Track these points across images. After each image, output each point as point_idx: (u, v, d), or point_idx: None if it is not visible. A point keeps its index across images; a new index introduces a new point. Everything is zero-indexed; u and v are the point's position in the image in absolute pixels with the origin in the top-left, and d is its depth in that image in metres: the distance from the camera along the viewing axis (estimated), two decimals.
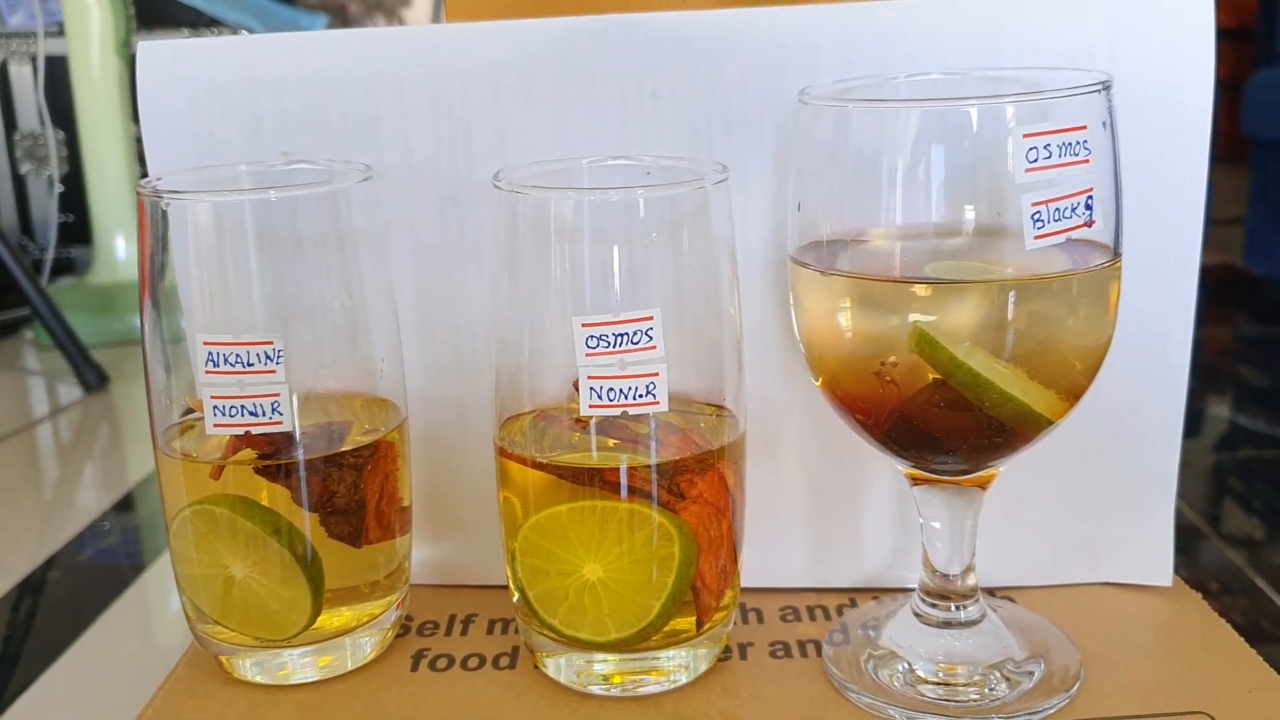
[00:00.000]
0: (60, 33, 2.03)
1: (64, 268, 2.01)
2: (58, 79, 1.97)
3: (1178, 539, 0.48)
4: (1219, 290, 2.52)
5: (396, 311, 0.45)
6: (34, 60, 2.11)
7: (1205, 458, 1.72)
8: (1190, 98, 0.43)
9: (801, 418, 0.47)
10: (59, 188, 2.05)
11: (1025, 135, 0.34)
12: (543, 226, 0.39)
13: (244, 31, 2.45)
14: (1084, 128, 0.35)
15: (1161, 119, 0.43)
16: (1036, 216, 0.35)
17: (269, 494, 0.43)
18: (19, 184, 2.19)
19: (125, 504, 0.97)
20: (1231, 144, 2.70)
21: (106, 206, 1.74)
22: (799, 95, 0.39)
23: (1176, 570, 0.48)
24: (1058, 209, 0.35)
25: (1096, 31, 0.43)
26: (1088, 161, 0.35)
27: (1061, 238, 0.35)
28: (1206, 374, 2.05)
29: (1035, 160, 0.34)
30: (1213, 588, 1.32)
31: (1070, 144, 0.35)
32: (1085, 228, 0.35)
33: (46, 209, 2.15)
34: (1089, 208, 0.35)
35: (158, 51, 0.45)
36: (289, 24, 2.67)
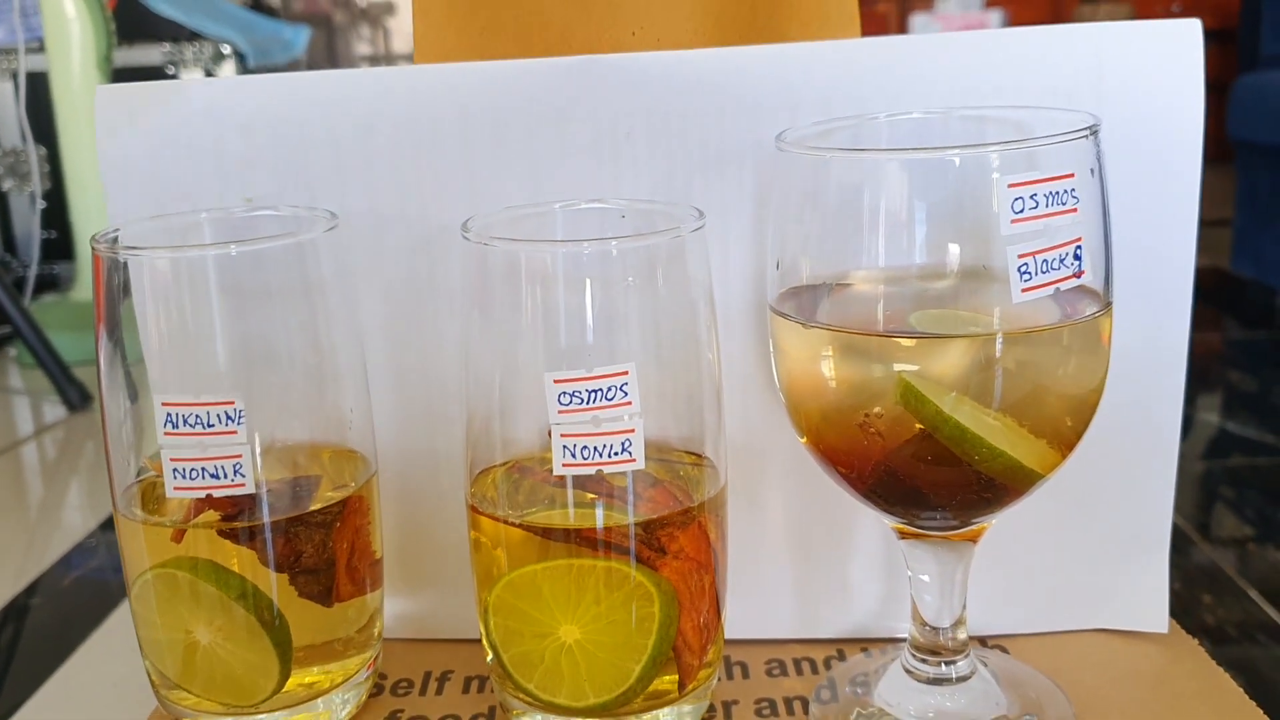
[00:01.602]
0: (41, 49, 2.01)
1: (47, 285, 2.00)
2: (39, 95, 1.95)
3: (1173, 549, 0.46)
4: (1206, 294, 2.52)
5: (365, 361, 0.44)
6: (15, 76, 2.09)
7: (1195, 464, 1.72)
8: (1180, 134, 0.42)
9: (786, 464, 0.46)
10: (41, 204, 2.03)
11: (1010, 185, 0.33)
12: (513, 277, 0.38)
13: (226, 45, 2.44)
14: (1071, 175, 0.34)
15: (1150, 159, 0.42)
16: (1023, 269, 0.33)
17: (233, 556, 0.41)
18: (1, 201, 2.17)
19: (111, 523, 0.95)
20: (1218, 146, 2.70)
21: (89, 223, 1.73)
22: (776, 141, 0.38)
23: (1171, 582, 0.47)
24: (1045, 260, 0.33)
25: (1083, 68, 0.42)
26: (1075, 210, 0.34)
27: (1049, 290, 0.34)
28: (1195, 379, 2.04)
29: (1021, 211, 0.33)
30: (1204, 599, 1.31)
31: (1057, 193, 0.33)
32: (1074, 279, 0.34)
33: (29, 225, 2.12)
34: (1078, 258, 0.34)
35: (117, 96, 0.44)
36: (271, 36, 2.65)
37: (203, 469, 0.39)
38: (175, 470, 0.39)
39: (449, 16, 0.44)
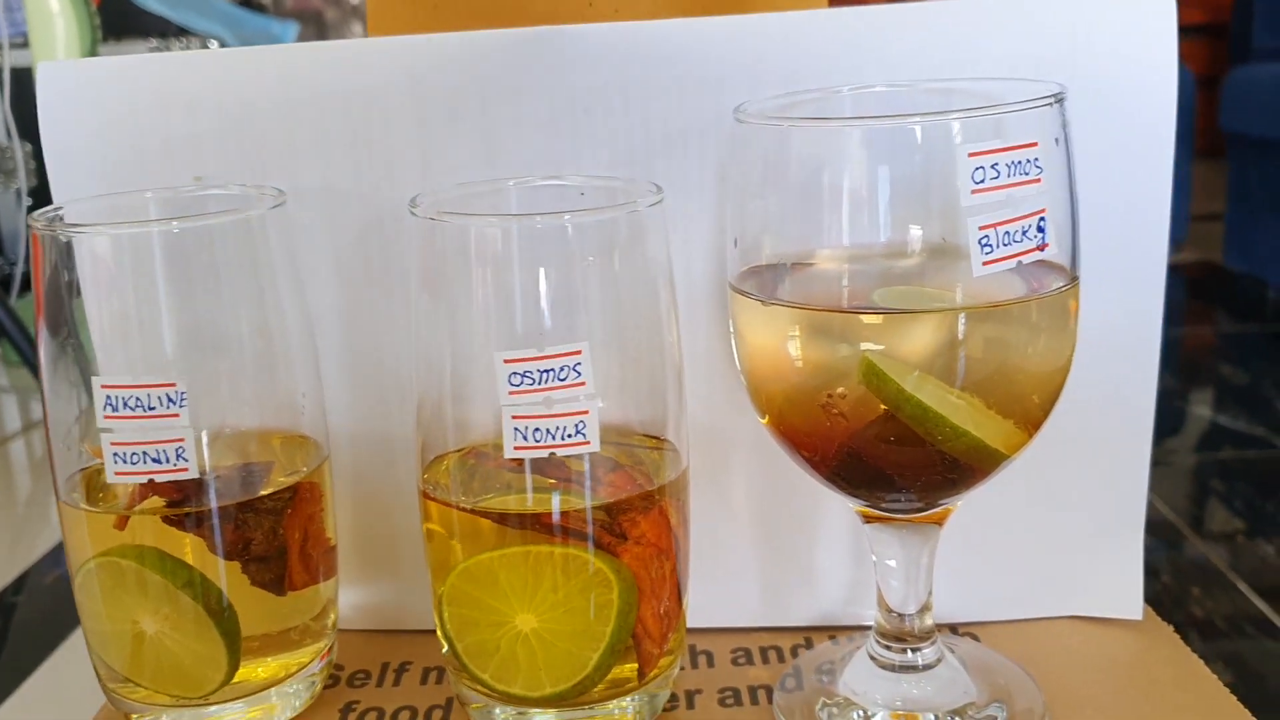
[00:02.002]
0: (25, 44, 2.00)
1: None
2: (24, 91, 1.93)
3: (1160, 541, 0.45)
4: (1199, 288, 2.51)
5: (315, 344, 0.43)
6: None
7: (1187, 458, 1.71)
8: (1154, 105, 0.41)
9: (751, 447, 0.45)
10: (27, 200, 2.02)
11: (971, 154, 0.32)
12: (462, 254, 0.37)
13: (214, 41, 2.42)
14: (1034, 145, 0.33)
15: (1124, 130, 0.41)
16: (984, 241, 0.32)
17: (180, 543, 0.40)
18: None
19: None
20: (1210, 139, 2.70)
21: None
22: (734, 113, 0.37)
23: (1159, 574, 0.46)
24: (1007, 232, 0.32)
25: (1055, 39, 0.41)
26: (1039, 181, 0.33)
27: (1012, 263, 0.33)
28: (1187, 373, 2.04)
29: (982, 181, 0.32)
30: (1194, 592, 1.31)
31: (1020, 162, 0.32)
32: (1037, 251, 0.33)
33: (15, 222, 2.11)
34: (1041, 230, 0.33)
35: (59, 73, 0.43)
36: (260, 31, 2.64)
37: (144, 453, 0.38)
38: (116, 454, 0.38)
39: None
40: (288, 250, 0.42)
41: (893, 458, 0.37)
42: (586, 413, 0.36)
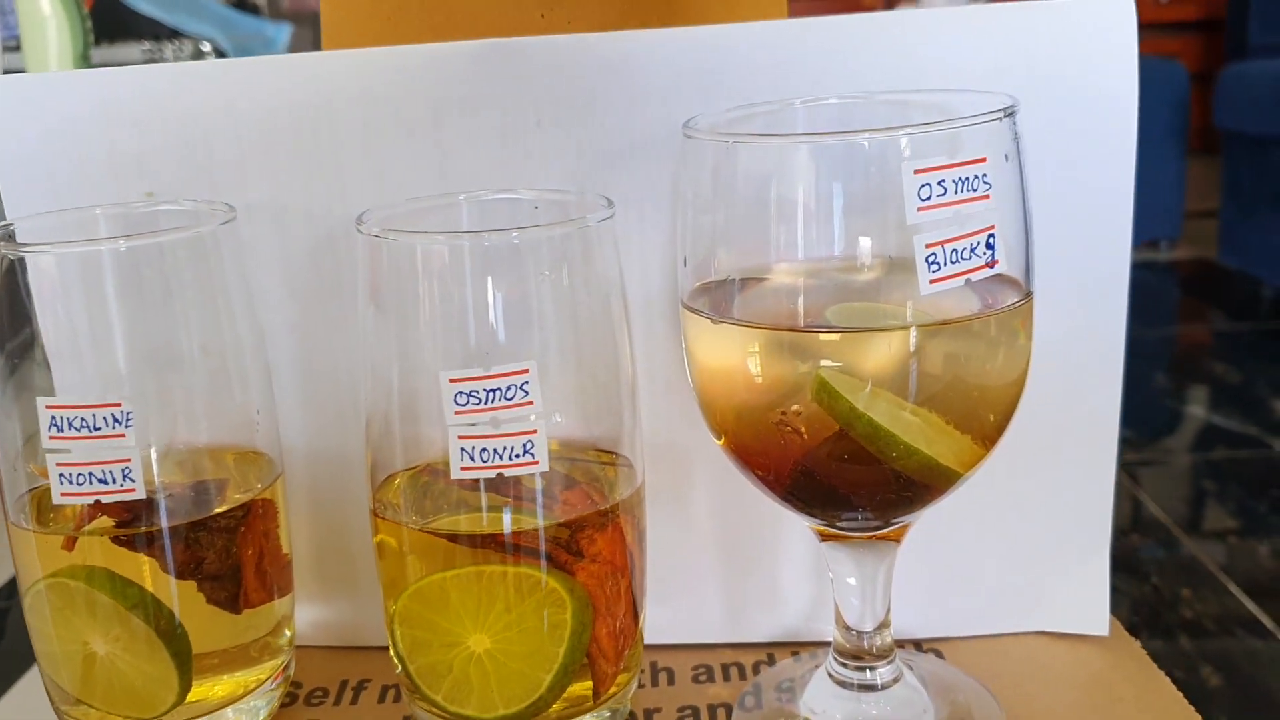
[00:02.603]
0: (17, 47, 1.99)
1: None
2: None
3: (1152, 543, 0.45)
4: (1193, 286, 2.51)
5: (267, 360, 0.42)
6: None
7: (1179, 458, 1.71)
8: (1115, 113, 0.40)
9: (712, 463, 0.44)
10: None
11: (917, 171, 0.31)
12: (410, 272, 0.36)
13: (206, 43, 2.41)
14: (983, 160, 0.32)
15: (1086, 140, 0.41)
16: (931, 259, 0.32)
17: (132, 563, 0.40)
18: None
19: None
20: (1205, 136, 2.69)
21: None
22: (683, 127, 0.36)
23: (1150, 577, 0.45)
24: (955, 250, 0.32)
25: (1015, 49, 0.40)
26: (988, 197, 0.32)
27: (959, 281, 0.32)
28: (1182, 371, 2.03)
29: (929, 198, 0.31)
30: (1184, 593, 1.30)
31: (968, 179, 0.32)
32: (986, 269, 0.32)
33: None
34: (990, 247, 0.32)
35: (9, 88, 0.42)
36: (253, 34, 2.63)
37: (90, 474, 0.37)
38: (62, 475, 0.37)
39: (357, 1, 0.43)
40: (240, 266, 0.42)
41: (847, 476, 0.36)
42: (535, 432, 0.36)
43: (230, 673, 0.42)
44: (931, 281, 0.32)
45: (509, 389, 0.35)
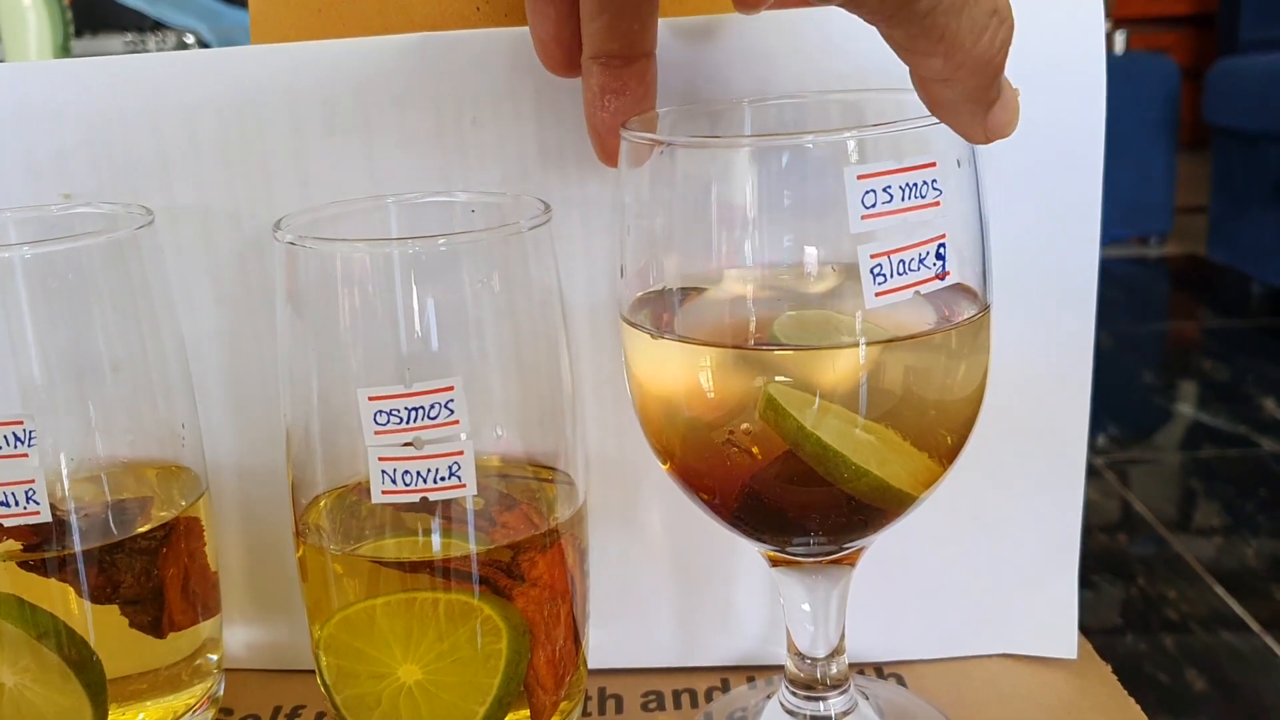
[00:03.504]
0: None
1: None
2: None
3: (1141, 544, 0.43)
4: (1182, 281, 2.49)
5: (189, 371, 0.40)
6: None
7: (1168, 456, 1.69)
8: (1080, 116, 0.38)
9: (662, 481, 0.42)
10: None
11: (860, 176, 0.29)
12: (329, 281, 0.34)
13: (190, 35, 2.38)
14: (933, 165, 0.30)
15: (1048, 144, 0.38)
16: (877, 270, 0.30)
17: (44, 589, 0.37)
18: None
19: None
20: (1195, 131, 2.67)
21: None
22: (621, 128, 0.34)
23: (1136, 578, 0.44)
24: (902, 260, 0.30)
25: None
26: (937, 204, 0.30)
27: (907, 293, 0.30)
28: (1170, 369, 2.02)
29: (873, 205, 0.29)
30: (1170, 595, 1.28)
31: (915, 185, 0.30)
32: (936, 280, 0.30)
33: None
34: (941, 258, 0.30)
35: None
36: (238, 26, 2.59)
37: None
38: None
39: None
40: (161, 272, 0.40)
41: (796, 499, 0.34)
42: (461, 454, 0.33)
43: (155, 698, 0.40)
44: (878, 294, 0.30)
45: (432, 407, 0.33)
